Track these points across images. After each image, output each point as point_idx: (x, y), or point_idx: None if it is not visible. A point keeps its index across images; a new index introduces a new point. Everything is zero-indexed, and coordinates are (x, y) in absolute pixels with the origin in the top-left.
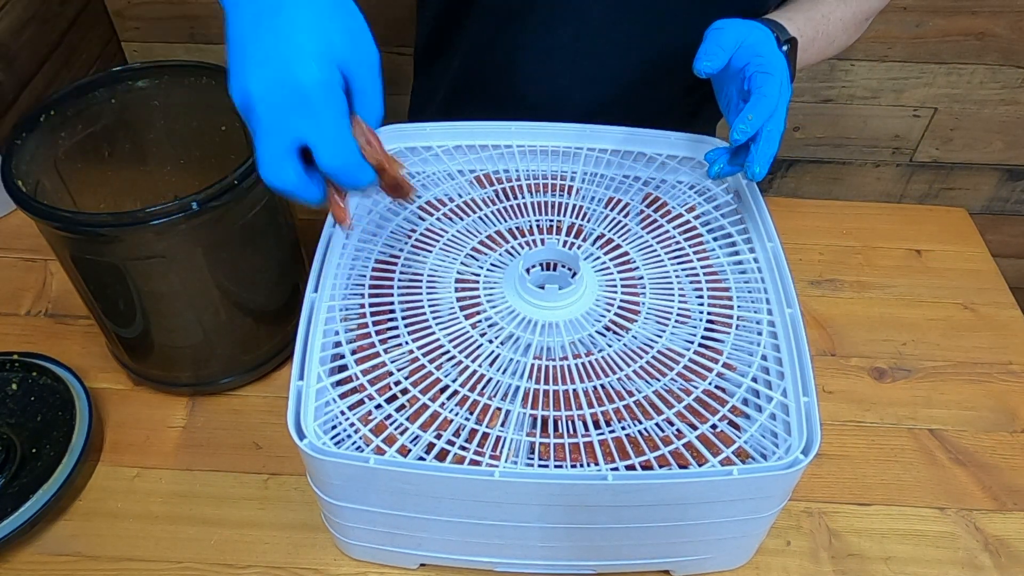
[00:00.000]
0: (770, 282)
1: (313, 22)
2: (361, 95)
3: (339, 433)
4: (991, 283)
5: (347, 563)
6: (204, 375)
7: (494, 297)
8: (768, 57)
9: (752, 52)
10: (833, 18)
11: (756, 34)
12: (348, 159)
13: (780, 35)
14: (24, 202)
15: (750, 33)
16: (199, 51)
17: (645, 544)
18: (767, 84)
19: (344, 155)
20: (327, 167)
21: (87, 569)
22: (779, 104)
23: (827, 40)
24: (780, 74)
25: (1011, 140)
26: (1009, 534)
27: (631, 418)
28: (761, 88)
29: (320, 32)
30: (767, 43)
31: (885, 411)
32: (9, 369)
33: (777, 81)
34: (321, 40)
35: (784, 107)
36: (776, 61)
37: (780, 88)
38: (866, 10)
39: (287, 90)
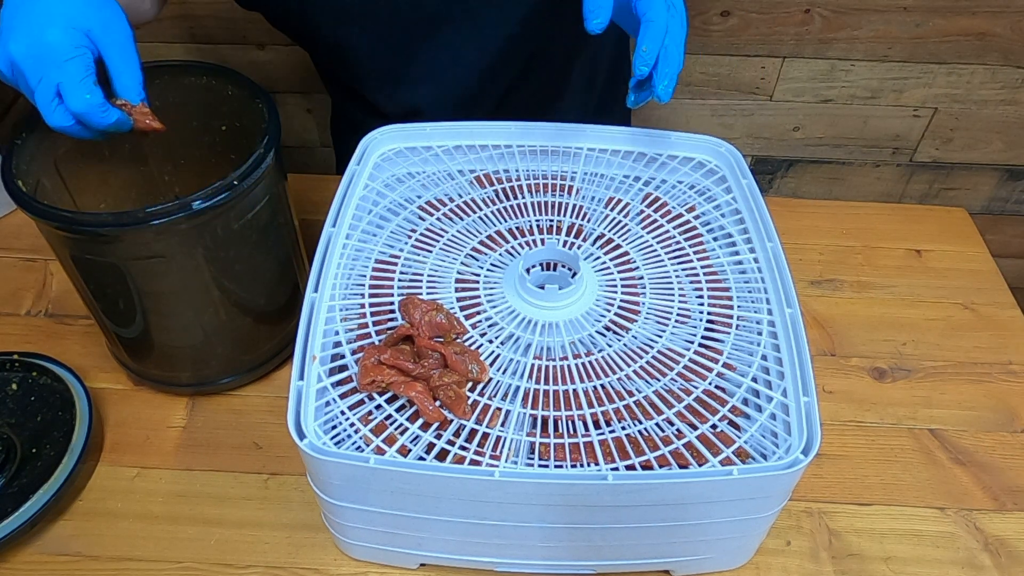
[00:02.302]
0: (770, 282)
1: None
2: (113, 57)
3: (339, 433)
4: (991, 283)
5: (347, 563)
6: (204, 375)
7: (494, 297)
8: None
9: None
10: None
11: None
12: (87, 105)
13: None
14: (24, 202)
15: None
16: (199, 51)
17: (645, 544)
18: (651, 8)
19: (82, 101)
20: (73, 110)
21: (87, 569)
22: (670, 21)
23: None
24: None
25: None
26: (1009, 534)
27: (631, 418)
28: (646, 14)
29: (66, 7)
30: None
31: (885, 411)
32: (9, 369)
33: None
34: (66, 13)
35: (678, 19)
36: None
37: (667, 4)
38: None
39: (38, 48)
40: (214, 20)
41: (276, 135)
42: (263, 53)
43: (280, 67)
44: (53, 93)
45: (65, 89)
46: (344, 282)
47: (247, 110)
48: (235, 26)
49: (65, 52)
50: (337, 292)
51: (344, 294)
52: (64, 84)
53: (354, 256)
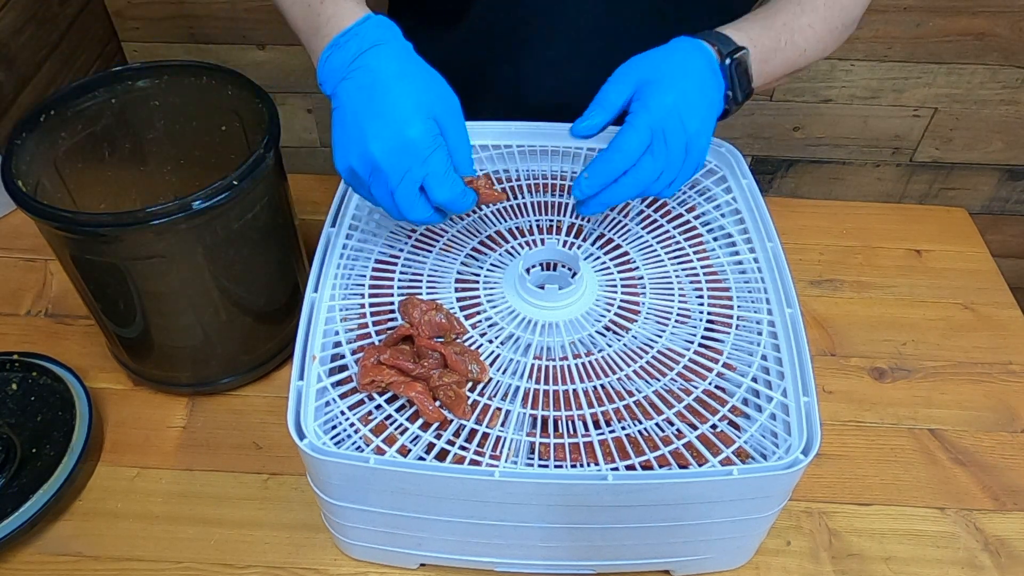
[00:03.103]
0: (770, 282)
1: (410, 92)
2: (454, 138)
3: (339, 433)
4: (991, 283)
5: (347, 563)
6: (204, 375)
7: (494, 297)
8: (647, 101)
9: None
10: (797, 26)
11: (664, 66)
12: (454, 192)
13: (722, 48)
14: (24, 202)
15: (657, 67)
16: (199, 51)
17: (645, 544)
18: (621, 137)
19: (450, 190)
20: (438, 200)
21: (87, 569)
22: (643, 160)
23: (796, 50)
24: (652, 121)
25: (1011, 140)
26: (1009, 534)
27: (631, 418)
28: (613, 141)
29: (416, 98)
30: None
31: (885, 411)
32: (9, 369)
33: (638, 134)
34: (420, 105)
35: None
36: (657, 105)
37: (641, 142)
38: (839, 16)
39: (401, 145)
40: (214, 20)
41: (276, 135)
42: (263, 53)
43: (280, 67)
44: (418, 188)
45: (431, 182)
46: (344, 282)
47: (247, 110)
48: (235, 26)
49: (427, 146)
50: (337, 292)
51: (344, 294)
52: (430, 177)
53: (354, 256)
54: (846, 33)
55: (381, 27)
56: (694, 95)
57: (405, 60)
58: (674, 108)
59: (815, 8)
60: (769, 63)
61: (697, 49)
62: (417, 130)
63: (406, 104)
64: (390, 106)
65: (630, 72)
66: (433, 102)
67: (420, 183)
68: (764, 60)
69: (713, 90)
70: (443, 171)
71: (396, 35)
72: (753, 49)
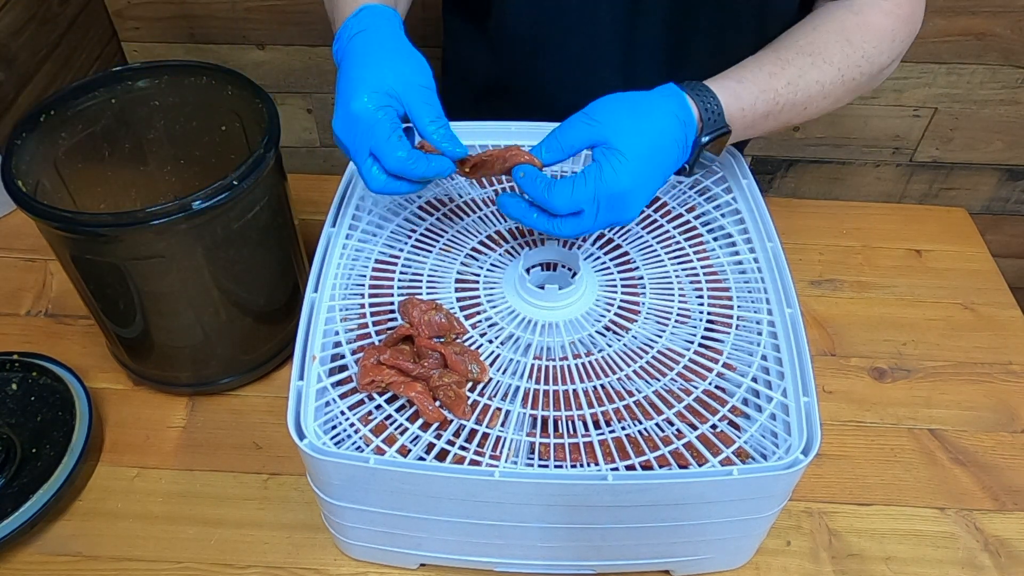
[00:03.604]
0: (770, 282)
1: (363, 70)
2: (416, 115)
3: (339, 433)
4: (991, 283)
5: (347, 563)
6: (204, 375)
7: (494, 297)
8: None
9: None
10: (803, 84)
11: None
12: (400, 162)
13: (707, 123)
14: (24, 202)
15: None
16: (199, 51)
17: (645, 544)
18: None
19: (395, 159)
20: (389, 167)
21: (87, 569)
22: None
23: (794, 110)
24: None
25: (1011, 140)
26: (1009, 534)
27: (631, 418)
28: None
29: (367, 74)
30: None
31: (885, 411)
32: (9, 369)
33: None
34: (368, 79)
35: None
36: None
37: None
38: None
39: (348, 120)
40: (214, 20)
41: (276, 135)
42: (263, 53)
43: (280, 67)
44: (368, 158)
45: (377, 152)
46: (344, 282)
47: (247, 110)
48: (235, 26)
49: (370, 117)
50: (337, 292)
51: (344, 294)
52: (375, 147)
53: (354, 256)
54: (872, 83)
55: (371, 15)
56: (650, 179)
57: (377, 43)
58: (624, 196)
59: (829, 61)
60: (755, 128)
61: (679, 122)
62: (359, 103)
63: (355, 82)
64: (344, 85)
65: (601, 121)
66: (387, 77)
67: (368, 152)
68: (750, 127)
69: (671, 168)
70: (384, 139)
71: (381, 21)
72: (743, 118)
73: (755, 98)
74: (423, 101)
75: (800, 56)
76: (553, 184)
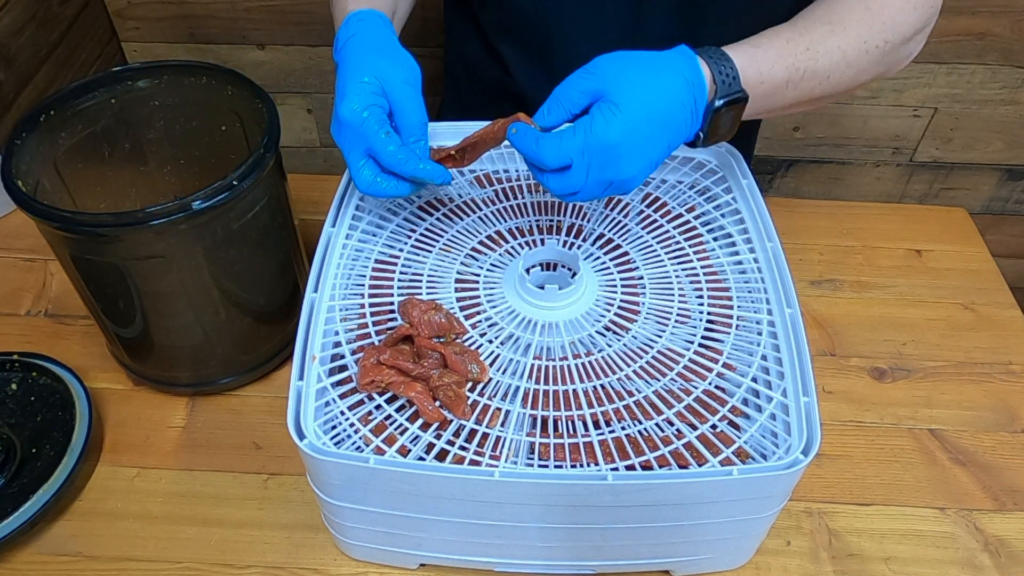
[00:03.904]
0: (770, 282)
1: (351, 75)
2: (398, 112)
3: (339, 433)
4: (991, 283)
5: (347, 563)
6: (204, 375)
7: (494, 297)
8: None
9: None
10: (823, 50)
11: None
12: (391, 156)
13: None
14: (24, 202)
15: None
16: (199, 51)
17: (645, 544)
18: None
19: (387, 154)
20: (387, 165)
21: (87, 569)
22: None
23: (815, 78)
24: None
25: (1011, 140)
26: (1009, 534)
27: (631, 418)
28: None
29: (355, 79)
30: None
31: (885, 411)
32: (9, 369)
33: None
34: (357, 82)
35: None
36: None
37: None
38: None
39: (338, 124)
40: (214, 20)
41: (276, 135)
42: (263, 53)
43: (280, 67)
44: (359, 159)
45: (373, 151)
46: (344, 282)
47: (247, 110)
48: (235, 26)
49: (356, 118)
50: (337, 292)
51: (344, 294)
52: (370, 147)
53: (354, 256)
54: (894, 55)
55: (358, 21)
56: (648, 139)
57: (364, 47)
58: (614, 150)
59: (850, 28)
60: (775, 97)
61: (686, 82)
62: (347, 107)
63: (343, 86)
64: (337, 90)
65: (601, 74)
66: (372, 78)
67: (361, 153)
68: (770, 95)
69: (677, 133)
70: (374, 136)
71: (367, 25)
72: (760, 84)
73: (773, 63)
74: (406, 101)
75: (819, 24)
76: (542, 137)
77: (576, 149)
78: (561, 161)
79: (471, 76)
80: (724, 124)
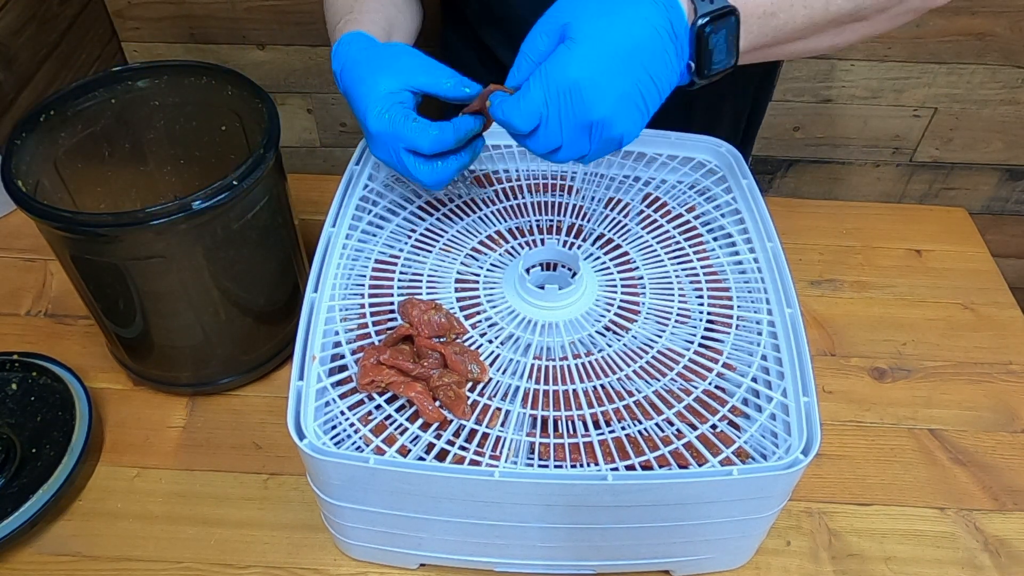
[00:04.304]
0: (770, 282)
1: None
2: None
3: (339, 433)
4: (991, 283)
5: (347, 563)
6: (204, 375)
7: (494, 297)
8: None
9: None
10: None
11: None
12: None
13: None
14: (24, 202)
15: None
16: (199, 51)
17: (645, 544)
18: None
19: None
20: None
21: (87, 569)
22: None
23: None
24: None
25: (1011, 140)
26: (1009, 534)
27: (631, 418)
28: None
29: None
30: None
31: (885, 411)
32: (9, 369)
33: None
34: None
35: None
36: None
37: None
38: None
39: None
40: (214, 20)
41: (276, 135)
42: (263, 53)
43: (280, 67)
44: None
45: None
46: (344, 282)
47: (247, 110)
48: (235, 26)
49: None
50: (337, 292)
51: (344, 294)
52: (407, 142)
53: (354, 256)
54: None
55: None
56: (616, 70)
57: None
58: (576, 86)
59: None
60: (773, 22)
61: (652, 5)
62: (371, 120)
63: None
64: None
65: (562, 9)
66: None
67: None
68: (766, 16)
69: (655, 61)
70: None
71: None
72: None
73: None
74: (421, 71)
75: None
76: (505, 99)
77: (539, 100)
78: (531, 119)
79: None
80: (718, 50)
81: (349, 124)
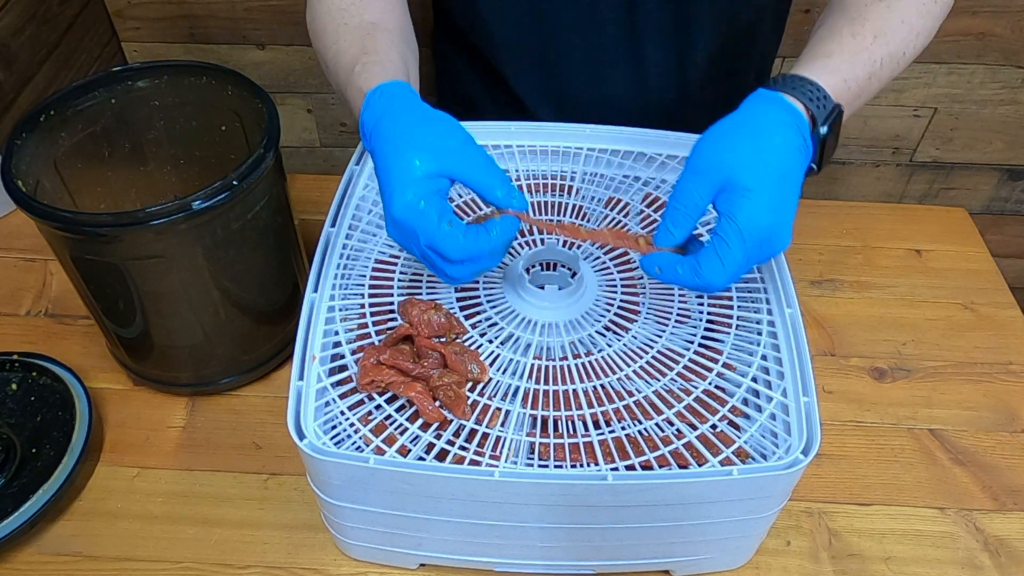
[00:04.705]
0: (770, 282)
1: (396, 160)
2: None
3: (339, 433)
4: (991, 283)
5: (347, 563)
6: (204, 375)
7: (494, 297)
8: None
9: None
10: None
11: (755, 164)
12: (462, 249)
13: (817, 111)
14: (24, 202)
15: (746, 164)
16: (199, 51)
17: (645, 544)
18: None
19: (458, 248)
20: (455, 258)
21: (87, 569)
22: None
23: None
24: (747, 248)
25: (1011, 140)
26: (1009, 534)
27: (631, 418)
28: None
29: (404, 164)
30: (759, 186)
31: (885, 411)
32: (9, 369)
33: (730, 264)
34: (405, 170)
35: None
36: (752, 231)
37: (731, 275)
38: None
39: (393, 225)
40: (214, 20)
41: (276, 135)
42: (263, 53)
43: (280, 67)
44: (431, 256)
45: (437, 249)
46: (344, 282)
47: (247, 110)
48: (235, 26)
49: (414, 214)
50: (337, 292)
51: (344, 294)
52: (432, 245)
53: (354, 256)
54: (946, 9)
55: (383, 98)
56: (787, 199)
57: (400, 124)
58: (770, 230)
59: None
60: (863, 96)
61: (790, 127)
62: (400, 204)
63: (390, 179)
64: (382, 184)
65: (713, 167)
66: (423, 159)
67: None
68: (857, 96)
69: (800, 177)
70: (435, 233)
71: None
72: (848, 91)
73: (851, 64)
74: (469, 162)
75: (873, 5)
76: (698, 267)
77: (740, 259)
78: (733, 279)
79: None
80: (830, 143)
81: (349, 124)
